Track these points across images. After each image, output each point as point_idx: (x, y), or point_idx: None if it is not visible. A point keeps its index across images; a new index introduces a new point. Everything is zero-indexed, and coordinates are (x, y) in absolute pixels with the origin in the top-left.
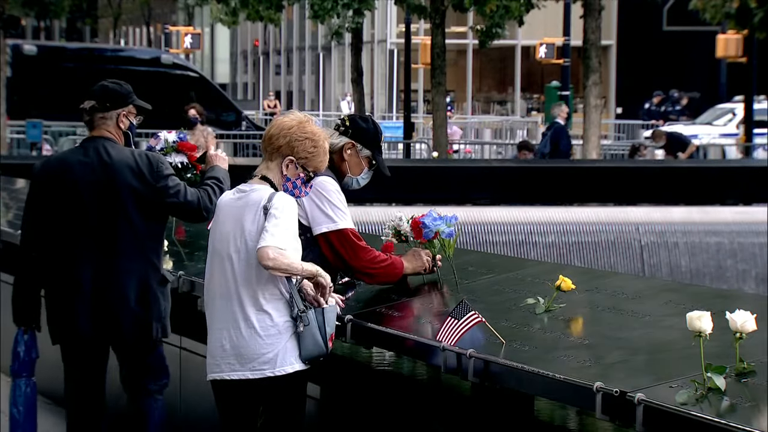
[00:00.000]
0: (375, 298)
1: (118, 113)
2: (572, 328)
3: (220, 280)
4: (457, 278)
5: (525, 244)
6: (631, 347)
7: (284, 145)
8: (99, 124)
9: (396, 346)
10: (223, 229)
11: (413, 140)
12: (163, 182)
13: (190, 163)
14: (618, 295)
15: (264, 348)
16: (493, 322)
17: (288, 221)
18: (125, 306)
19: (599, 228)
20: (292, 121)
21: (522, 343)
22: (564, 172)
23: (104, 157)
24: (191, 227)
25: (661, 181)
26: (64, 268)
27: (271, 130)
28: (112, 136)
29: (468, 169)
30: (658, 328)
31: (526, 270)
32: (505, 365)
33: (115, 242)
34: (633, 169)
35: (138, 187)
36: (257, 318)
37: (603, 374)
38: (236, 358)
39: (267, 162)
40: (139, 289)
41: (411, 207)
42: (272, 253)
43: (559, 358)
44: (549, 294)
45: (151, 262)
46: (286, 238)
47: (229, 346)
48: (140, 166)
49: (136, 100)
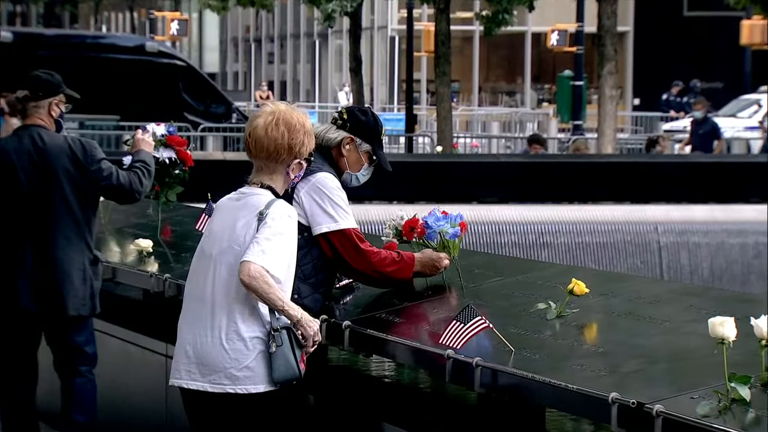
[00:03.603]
0: (375, 303)
1: (49, 102)
2: (586, 335)
3: (198, 281)
4: (462, 281)
5: (535, 245)
6: (649, 355)
7: (286, 155)
8: (32, 112)
9: (397, 354)
10: (214, 228)
11: (416, 134)
12: (97, 166)
13: (178, 159)
14: (635, 300)
15: (228, 362)
16: (501, 329)
17: (284, 238)
18: (66, 283)
19: (615, 228)
20: (278, 123)
21: (532, 351)
22: (577, 168)
23: (39, 143)
24: (177, 227)
25: (681, 177)
26: (5, 248)
27: (264, 143)
28: (45, 123)
29: (474, 165)
30: (678, 334)
31: (537, 273)
32: (514, 375)
33: (53, 223)
34: (651, 165)
35: (73, 171)
36: (227, 329)
37: (619, 384)
38: (197, 367)
39: (269, 174)
40: (76, 267)
41: (413, 205)
42: (254, 271)
43: (572, 367)
44: (561, 298)
45: (86, 241)
46: (277, 261)
47: (192, 353)
48: (74, 151)
49: (66, 89)
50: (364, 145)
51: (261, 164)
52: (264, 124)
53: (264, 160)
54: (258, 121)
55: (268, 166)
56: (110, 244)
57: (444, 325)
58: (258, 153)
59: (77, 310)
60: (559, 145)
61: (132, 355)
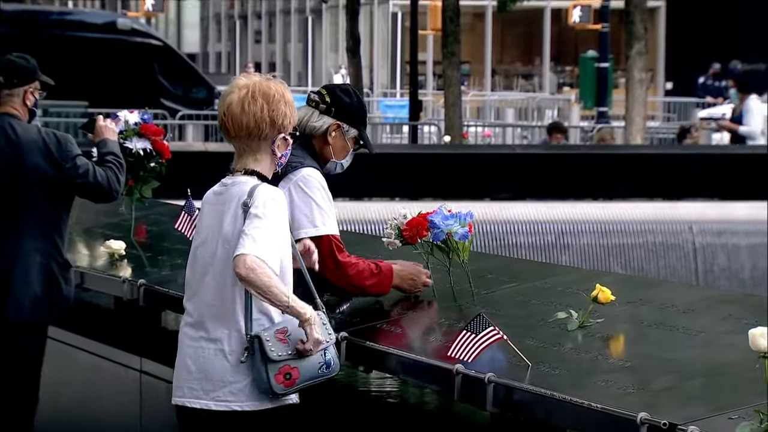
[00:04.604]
0: (374, 312)
1: (24, 90)
2: (611, 348)
3: (195, 289)
4: (473, 288)
5: (555, 246)
6: (683, 371)
7: (269, 129)
8: (5, 101)
9: (400, 369)
10: (204, 232)
11: (421, 122)
12: (72, 162)
13: (154, 150)
14: (667, 308)
15: (231, 375)
16: (517, 341)
17: (274, 223)
18: (26, 287)
19: (644, 227)
20: (254, 95)
21: (551, 365)
22: (602, 161)
23: (11, 135)
24: (153, 227)
25: (719, 170)
26: None
27: (243, 120)
28: (18, 113)
29: (486, 157)
30: (714, 347)
31: (557, 278)
32: (530, 392)
33: (20, 222)
34: (686, 157)
35: (45, 167)
36: (228, 338)
37: (649, 403)
38: (200, 383)
39: (253, 155)
40: (41, 270)
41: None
42: (251, 262)
43: (596, 384)
44: (584, 307)
45: (54, 244)
46: (271, 248)
47: (194, 368)
48: (48, 145)
49: (42, 76)
50: (352, 130)
51: (243, 146)
52: (239, 98)
53: (245, 140)
54: (231, 97)
55: (250, 146)
56: (78, 246)
57: (453, 336)
58: (238, 132)
59: (33, 317)
60: (581, 134)
61: (103, 370)
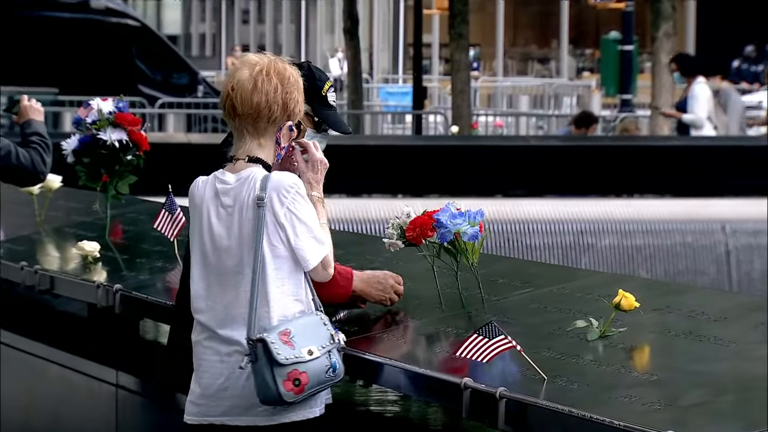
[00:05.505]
0: (373, 320)
1: None
2: (636, 360)
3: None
4: (483, 293)
5: (574, 248)
6: (713, 385)
7: (279, 113)
8: None
9: (402, 382)
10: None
11: (426, 110)
12: None
13: (131, 142)
14: (696, 316)
15: None
16: (531, 352)
17: (309, 211)
18: None
19: (672, 227)
20: (269, 73)
21: (569, 379)
22: (626, 153)
23: None
24: (130, 227)
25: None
26: None
27: (254, 99)
28: None
29: (498, 149)
30: (747, 359)
31: (575, 282)
32: (546, 408)
33: None
34: (718, 149)
35: None
36: None
37: (677, 420)
38: (240, 399)
39: (257, 139)
40: None
41: (422, 199)
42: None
43: (618, 399)
44: (605, 315)
45: None
46: (323, 236)
47: (229, 384)
48: None
49: None
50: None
51: (247, 128)
52: (251, 74)
53: (251, 121)
54: (243, 72)
55: (256, 128)
56: (47, 247)
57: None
58: (246, 111)
59: None
60: (603, 124)
61: (75, 384)
